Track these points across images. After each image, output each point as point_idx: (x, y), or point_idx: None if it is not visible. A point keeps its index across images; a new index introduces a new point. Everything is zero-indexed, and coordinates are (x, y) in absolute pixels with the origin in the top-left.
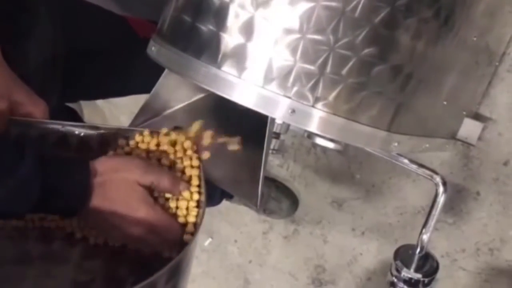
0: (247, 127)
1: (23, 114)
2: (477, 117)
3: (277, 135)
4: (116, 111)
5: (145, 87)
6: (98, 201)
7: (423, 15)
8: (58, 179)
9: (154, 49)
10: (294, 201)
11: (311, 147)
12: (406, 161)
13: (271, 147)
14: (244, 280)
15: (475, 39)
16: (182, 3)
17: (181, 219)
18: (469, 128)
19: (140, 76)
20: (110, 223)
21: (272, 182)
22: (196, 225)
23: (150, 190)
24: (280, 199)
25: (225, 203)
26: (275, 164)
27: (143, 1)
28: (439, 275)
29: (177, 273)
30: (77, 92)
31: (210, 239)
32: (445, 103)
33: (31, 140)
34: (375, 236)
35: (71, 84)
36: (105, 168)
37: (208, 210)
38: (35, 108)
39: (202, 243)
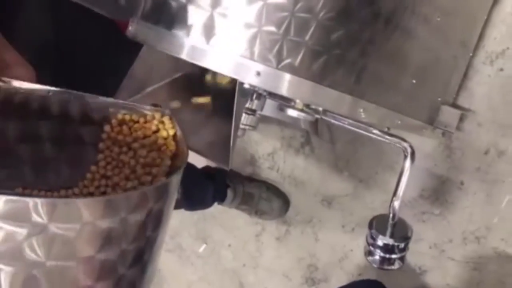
0: (224, 103)
1: (10, 76)
2: (457, 108)
3: (253, 112)
4: None
5: None
6: None
7: None
8: None
9: (131, 28)
10: (285, 201)
11: (300, 147)
12: (376, 131)
13: (247, 122)
14: (239, 283)
15: (438, 19)
16: None
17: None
18: (447, 116)
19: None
20: None
21: (263, 184)
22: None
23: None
24: (271, 199)
25: (217, 207)
26: (265, 167)
27: None
28: (429, 266)
29: (164, 195)
30: None
31: (204, 245)
32: (414, 81)
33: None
34: (364, 231)
35: (59, 83)
36: None
37: (202, 215)
38: (23, 72)
39: (197, 249)
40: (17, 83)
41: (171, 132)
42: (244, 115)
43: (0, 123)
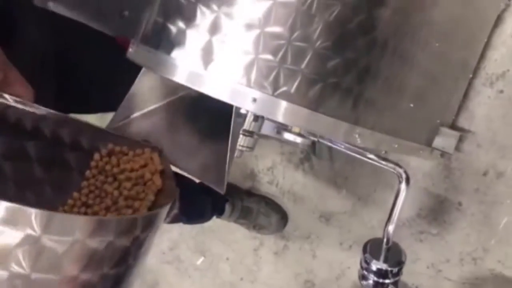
0: (221, 124)
1: (9, 94)
2: (456, 129)
3: (250, 133)
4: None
5: None
6: None
7: (374, 12)
8: None
9: (131, 50)
10: (283, 215)
11: (299, 163)
12: (371, 156)
13: (245, 144)
14: None
15: (437, 45)
16: (156, 9)
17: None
18: (445, 137)
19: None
20: None
21: (262, 198)
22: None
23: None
24: (269, 214)
25: (216, 221)
26: (265, 182)
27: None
28: (425, 286)
29: (151, 225)
30: (64, 106)
31: (202, 258)
32: (411, 105)
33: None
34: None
35: (58, 98)
36: None
37: (200, 228)
38: (22, 90)
39: (195, 262)
40: (15, 101)
41: (159, 168)
42: (241, 136)
43: None
